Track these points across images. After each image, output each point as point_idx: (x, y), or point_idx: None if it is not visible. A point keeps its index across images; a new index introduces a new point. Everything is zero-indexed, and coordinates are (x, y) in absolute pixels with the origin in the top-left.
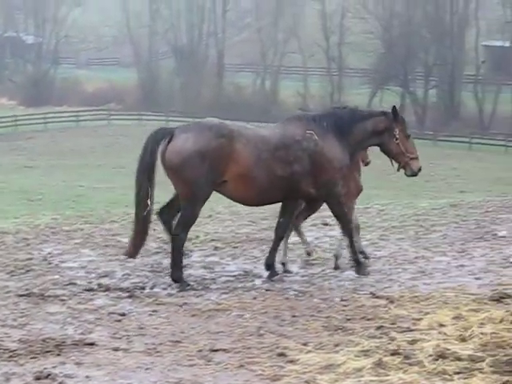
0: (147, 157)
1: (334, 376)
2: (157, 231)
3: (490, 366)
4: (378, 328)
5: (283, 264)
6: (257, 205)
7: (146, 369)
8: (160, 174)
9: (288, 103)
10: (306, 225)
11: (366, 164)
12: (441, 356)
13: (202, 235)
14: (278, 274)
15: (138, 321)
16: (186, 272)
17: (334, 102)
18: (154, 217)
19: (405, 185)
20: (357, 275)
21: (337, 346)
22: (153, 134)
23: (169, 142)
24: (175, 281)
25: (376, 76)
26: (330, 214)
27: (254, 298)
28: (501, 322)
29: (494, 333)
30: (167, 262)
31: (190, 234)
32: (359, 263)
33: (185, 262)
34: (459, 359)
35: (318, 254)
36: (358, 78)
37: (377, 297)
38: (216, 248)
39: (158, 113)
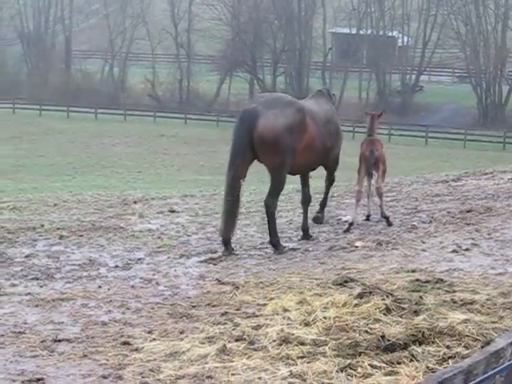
0: (243, 139)
1: (179, 363)
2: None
3: (333, 350)
4: (223, 314)
5: (368, 216)
6: (305, 172)
7: None
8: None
9: (136, 90)
10: (152, 211)
11: None
12: (284, 341)
13: (47, 224)
14: (311, 237)
15: None
16: (30, 262)
17: (183, 88)
18: None
19: (254, 171)
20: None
21: (182, 333)
22: (241, 117)
23: (256, 120)
24: (274, 246)
25: (224, 62)
26: (177, 201)
27: (99, 287)
28: (344, 305)
29: (337, 317)
30: (11, 251)
31: (34, 223)
32: (307, 234)
33: (29, 251)
34: (303, 344)
35: (164, 241)
36: (207, 65)
37: (222, 283)
38: (61, 237)
39: (4, 100)
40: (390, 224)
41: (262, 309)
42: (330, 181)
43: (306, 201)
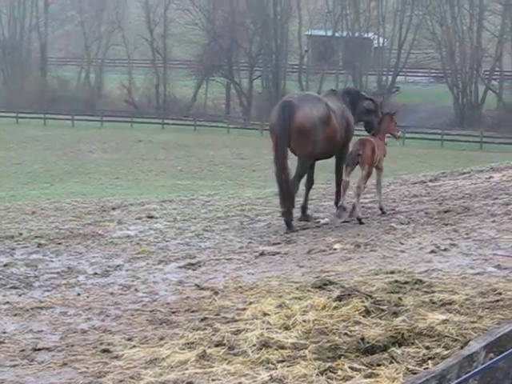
0: (287, 124)
1: (159, 370)
2: None
3: (313, 353)
4: (203, 320)
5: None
6: (320, 159)
7: None
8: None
9: (113, 96)
10: (130, 218)
11: (399, 137)
12: (264, 345)
13: (26, 232)
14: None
15: None
16: (8, 270)
17: (160, 94)
18: None
19: (233, 175)
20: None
21: (161, 339)
22: (282, 107)
23: (295, 111)
24: (287, 223)
25: (201, 67)
26: (155, 207)
27: (78, 295)
28: (323, 308)
29: (316, 320)
30: None
31: (12, 232)
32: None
33: (8, 260)
34: (282, 347)
35: (143, 248)
36: (184, 70)
37: (201, 288)
38: (39, 245)
39: None
40: (361, 223)
41: (241, 313)
42: (338, 176)
43: (309, 184)
